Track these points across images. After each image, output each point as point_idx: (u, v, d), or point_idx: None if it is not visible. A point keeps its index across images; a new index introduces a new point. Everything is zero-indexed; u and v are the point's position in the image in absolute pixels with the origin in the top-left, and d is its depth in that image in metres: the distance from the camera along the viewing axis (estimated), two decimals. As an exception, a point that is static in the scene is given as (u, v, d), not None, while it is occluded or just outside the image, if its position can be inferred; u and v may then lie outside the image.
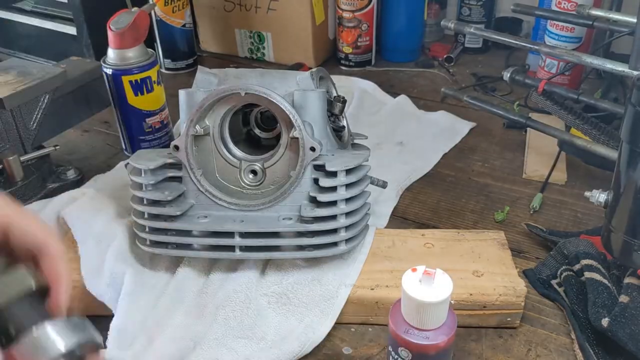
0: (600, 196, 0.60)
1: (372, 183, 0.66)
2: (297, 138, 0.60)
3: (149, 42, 0.87)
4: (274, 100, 0.59)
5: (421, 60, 1.21)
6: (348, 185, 0.61)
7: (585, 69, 1.04)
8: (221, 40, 1.28)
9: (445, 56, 1.19)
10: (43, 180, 0.80)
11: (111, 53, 0.80)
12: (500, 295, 0.58)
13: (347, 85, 1.08)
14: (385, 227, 0.73)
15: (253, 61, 1.26)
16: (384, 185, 0.68)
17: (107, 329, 0.59)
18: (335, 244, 0.61)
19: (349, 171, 0.60)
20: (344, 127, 0.71)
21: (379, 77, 1.15)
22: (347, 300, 0.59)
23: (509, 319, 0.60)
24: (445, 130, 0.95)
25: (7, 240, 0.38)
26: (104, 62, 0.81)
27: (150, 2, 1.10)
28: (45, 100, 0.77)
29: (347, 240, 0.62)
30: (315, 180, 0.61)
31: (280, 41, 1.21)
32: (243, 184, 0.64)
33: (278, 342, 0.56)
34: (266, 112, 0.67)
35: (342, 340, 0.59)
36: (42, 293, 0.38)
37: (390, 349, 0.50)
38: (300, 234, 0.61)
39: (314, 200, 0.61)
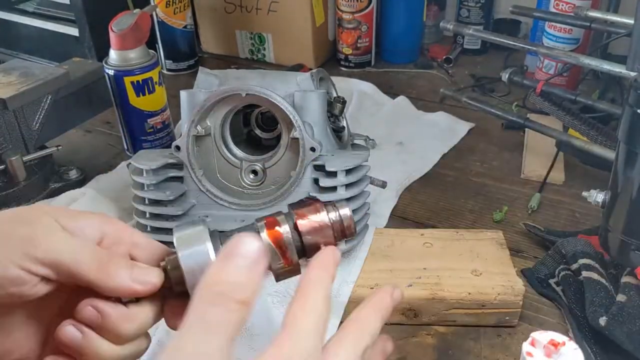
0: (597, 196, 0.61)
1: (371, 183, 0.67)
2: (298, 138, 0.61)
3: (151, 44, 0.88)
4: (274, 101, 0.60)
5: (420, 62, 1.22)
6: (348, 185, 0.61)
7: (583, 70, 1.04)
8: (222, 41, 1.28)
9: (444, 57, 1.19)
10: (45, 181, 0.81)
11: (113, 54, 0.80)
12: (498, 294, 0.59)
13: (347, 86, 1.08)
14: (385, 227, 0.74)
15: (254, 62, 1.27)
16: (383, 185, 0.69)
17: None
18: (335, 243, 0.62)
19: (348, 171, 0.61)
20: (343, 127, 0.72)
21: (379, 78, 1.15)
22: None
23: (507, 318, 0.60)
24: (444, 130, 0.95)
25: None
26: (106, 63, 0.81)
27: (152, 3, 1.11)
28: (48, 101, 0.78)
29: (347, 240, 0.62)
30: (315, 180, 0.62)
31: (281, 42, 1.21)
32: (244, 184, 0.65)
33: None
34: (267, 112, 0.68)
35: (342, 338, 0.60)
36: None
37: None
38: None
39: (316, 201, 0.62)
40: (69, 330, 0.33)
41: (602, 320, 0.55)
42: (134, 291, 0.34)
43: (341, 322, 0.60)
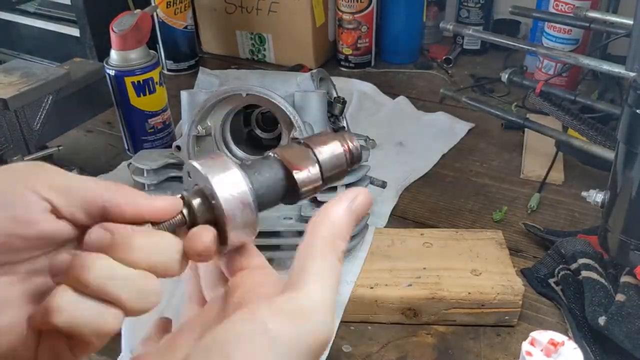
0: (597, 196, 0.61)
1: (371, 183, 0.67)
2: (298, 138, 0.61)
3: (151, 44, 0.88)
4: (274, 101, 0.60)
5: (420, 62, 1.22)
6: (348, 185, 0.62)
7: (582, 71, 1.04)
8: (222, 41, 1.28)
9: (444, 57, 1.20)
10: (46, 181, 0.81)
11: (114, 54, 0.81)
12: (498, 294, 0.59)
13: (347, 86, 1.08)
14: (385, 227, 0.74)
15: (254, 62, 1.27)
16: (383, 185, 0.69)
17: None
18: (335, 243, 0.62)
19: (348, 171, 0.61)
20: (343, 127, 0.72)
21: (379, 78, 1.16)
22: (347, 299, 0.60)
23: (506, 318, 0.60)
24: (444, 130, 0.95)
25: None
26: (107, 63, 0.81)
27: (153, 4, 1.11)
28: (49, 101, 0.78)
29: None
30: (316, 180, 0.62)
31: (281, 43, 1.22)
32: (244, 183, 0.65)
33: None
34: (267, 112, 0.68)
35: (342, 338, 0.60)
36: None
37: None
38: (301, 233, 0.62)
39: (314, 200, 0.62)
40: (97, 232, 0.29)
41: (602, 320, 0.55)
42: (155, 211, 0.31)
43: (342, 322, 0.60)
